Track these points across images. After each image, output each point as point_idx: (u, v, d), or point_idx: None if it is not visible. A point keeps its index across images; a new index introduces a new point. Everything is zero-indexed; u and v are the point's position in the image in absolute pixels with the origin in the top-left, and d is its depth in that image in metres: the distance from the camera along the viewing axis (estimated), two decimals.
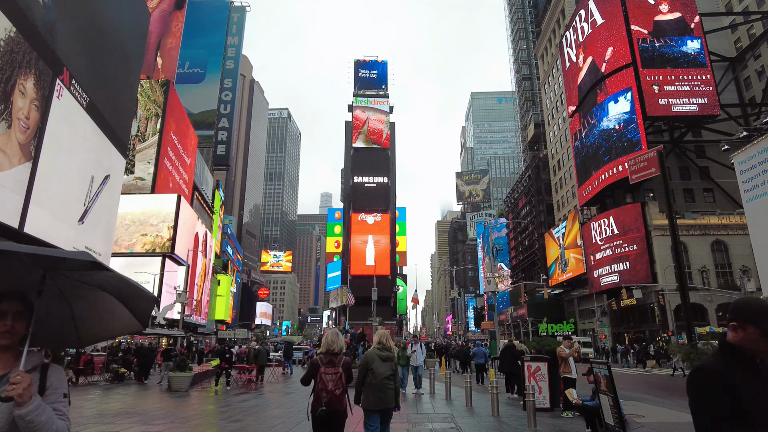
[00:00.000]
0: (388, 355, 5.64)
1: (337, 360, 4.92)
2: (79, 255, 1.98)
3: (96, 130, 25.37)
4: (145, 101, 47.35)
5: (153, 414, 10.25)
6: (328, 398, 4.68)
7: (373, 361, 5.54)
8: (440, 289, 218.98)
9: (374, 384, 5.47)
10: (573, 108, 56.44)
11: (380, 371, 5.49)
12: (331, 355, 4.95)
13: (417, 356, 14.42)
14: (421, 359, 14.57)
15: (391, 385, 5.53)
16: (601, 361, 7.32)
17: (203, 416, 10.44)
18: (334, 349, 4.97)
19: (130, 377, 18.88)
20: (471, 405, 10.95)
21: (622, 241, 45.89)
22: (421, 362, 14.62)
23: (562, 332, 54.40)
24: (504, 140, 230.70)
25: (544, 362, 9.55)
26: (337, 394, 4.71)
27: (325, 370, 4.81)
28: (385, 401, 5.49)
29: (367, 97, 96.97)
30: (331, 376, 4.78)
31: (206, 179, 70.53)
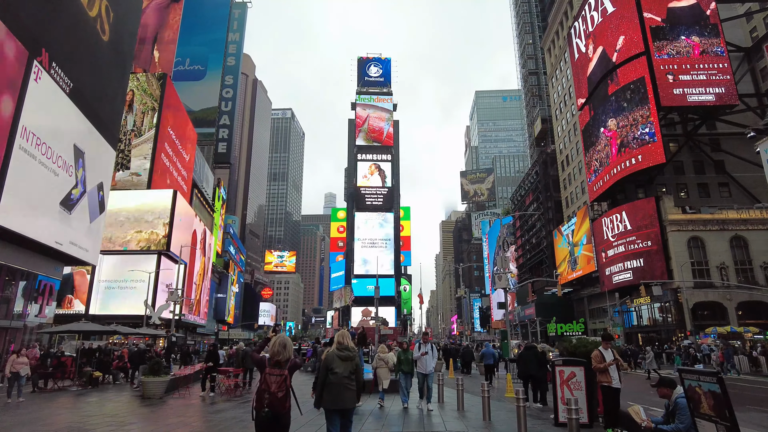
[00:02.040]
0: (347, 355, 5.65)
1: (285, 363, 4.82)
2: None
3: (81, 118, 23.94)
4: (142, 95, 45.96)
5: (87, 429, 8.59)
6: (269, 400, 4.60)
7: (333, 362, 5.57)
8: (445, 289, 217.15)
9: (333, 383, 5.52)
10: (582, 100, 54.68)
11: (340, 370, 5.53)
12: (278, 359, 4.84)
13: (427, 360, 11.14)
14: (432, 364, 11.24)
15: (351, 385, 5.57)
16: (705, 371, 4.99)
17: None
18: (280, 359, 4.83)
19: (108, 380, 17.37)
20: (489, 418, 9.22)
21: (636, 237, 44.11)
22: (432, 368, 11.30)
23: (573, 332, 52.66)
24: (509, 139, 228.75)
25: (580, 367, 7.73)
26: (279, 396, 4.63)
27: (270, 370, 4.73)
28: (343, 401, 5.51)
29: (371, 94, 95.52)
30: (276, 377, 4.69)
31: (207, 177, 69.23)
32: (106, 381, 17.51)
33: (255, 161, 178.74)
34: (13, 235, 19.08)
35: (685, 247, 40.65)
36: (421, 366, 11.25)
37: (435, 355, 11.36)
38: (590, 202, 53.69)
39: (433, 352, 11.32)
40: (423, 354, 11.17)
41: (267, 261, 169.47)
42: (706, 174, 48.66)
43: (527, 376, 11.76)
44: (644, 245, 43.15)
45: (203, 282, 53.29)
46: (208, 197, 68.53)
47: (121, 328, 18.22)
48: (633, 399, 11.73)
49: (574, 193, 63.70)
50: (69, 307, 36.93)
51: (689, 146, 48.80)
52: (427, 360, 11.19)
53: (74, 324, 16.89)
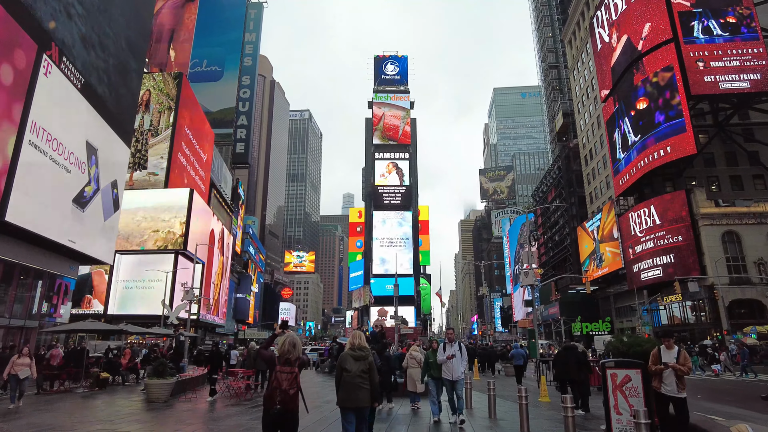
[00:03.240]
0: (360, 354, 5.77)
1: (294, 360, 4.84)
2: None
3: (93, 115, 23.57)
4: (158, 94, 45.91)
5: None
6: (281, 397, 4.65)
7: (346, 362, 5.71)
8: (465, 289, 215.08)
9: (347, 381, 5.66)
10: (606, 92, 52.85)
11: (353, 369, 5.66)
12: (287, 357, 4.84)
13: (455, 364, 9.18)
14: (460, 369, 9.26)
15: (365, 384, 5.67)
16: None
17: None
18: (291, 357, 4.85)
19: (117, 382, 16.79)
20: (528, 429, 7.99)
21: (665, 232, 42.27)
22: (462, 374, 9.31)
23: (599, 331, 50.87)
24: (528, 136, 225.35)
25: (636, 370, 6.38)
26: (290, 393, 4.69)
27: (281, 368, 4.77)
28: (357, 399, 5.60)
29: (387, 92, 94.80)
30: (287, 375, 4.72)
31: (225, 177, 69.22)
32: (115, 382, 16.96)
33: (274, 162, 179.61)
34: (25, 233, 18.72)
35: (719, 242, 38.74)
36: (447, 371, 9.25)
37: (464, 358, 9.39)
38: (616, 196, 51.87)
39: (461, 353, 9.34)
40: (449, 357, 9.17)
41: (286, 261, 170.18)
42: (739, 166, 46.44)
43: (566, 379, 10.44)
44: (674, 240, 41.31)
45: (222, 282, 53.10)
46: (227, 197, 68.51)
47: (130, 328, 17.71)
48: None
49: (598, 188, 61.78)
50: (88, 307, 36.92)
51: (720, 137, 46.65)
52: (455, 364, 9.20)
53: (79, 323, 16.39)
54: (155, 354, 16.67)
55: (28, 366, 11.24)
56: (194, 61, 79.10)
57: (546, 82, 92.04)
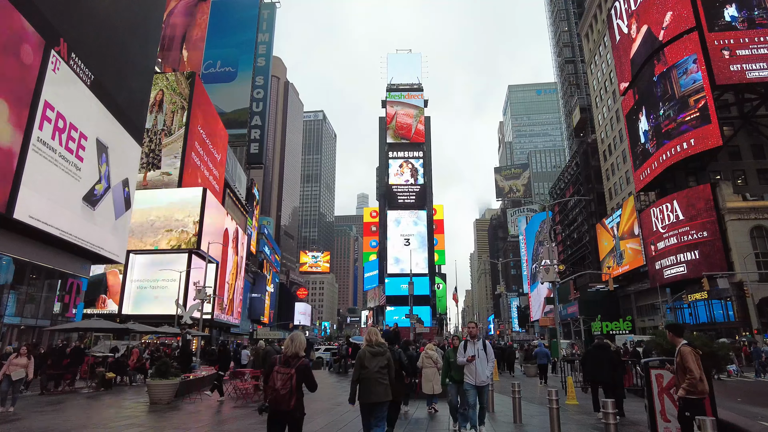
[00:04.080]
0: (378, 351, 5.82)
1: (293, 362, 4.89)
2: None
3: (104, 112, 23.35)
4: (171, 94, 45.91)
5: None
6: (273, 396, 4.76)
7: (364, 358, 5.76)
8: (480, 288, 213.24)
9: (366, 378, 5.73)
10: (625, 84, 51.43)
11: (371, 366, 5.70)
12: (288, 357, 4.95)
13: (477, 367, 7.67)
14: (486, 372, 7.76)
15: (384, 380, 5.72)
16: None
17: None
18: (287, 353, 4.99)
19: (125, 382, 16.38)
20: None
21: (689, 228, 40.84)
22: (487, 378, 7.81)
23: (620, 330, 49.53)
24: (544, 133, 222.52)
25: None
26: (282, 393, 4.73)
27: (278, 369, 4.88)
28: (376, 394, 5.65)
29: (401, 91, 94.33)
30: (282, 375, 4.81)
31: (239, 177, 69.27)
32: (123, 382, 16.57)
33: (288, 163, 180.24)
34: (34, 231, 18.49)
35: (748, 237, 37.25)
36: (470, 375, 7.67)
37: (490, 359, 7.79)
38: (637, 192, 50.44)
39: (486, 353, 7.76)
40: (471, 358, 7.61)
41: (302, 262, 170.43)
42: (766, 159, 44.75)
43: (598, 381, 9.39)
44: (699, 236, 39.88)
45: (236, 281, 52.95)
46: (241, 197, 68.51)
47: (137, 326, 17.35)
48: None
49: (618, 183, 60.28)
50: (103, 307, 36.96)
51: (746, 129, 44.99)
52: (478, 366, 7.58)
53: (84, 322, 16.02)
54: (159, 354, 16.21)
55: (24, 367, 10.69)
56: (208, 62, 79.34)
57: (562, 77, 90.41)
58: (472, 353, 7.69)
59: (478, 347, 7.77)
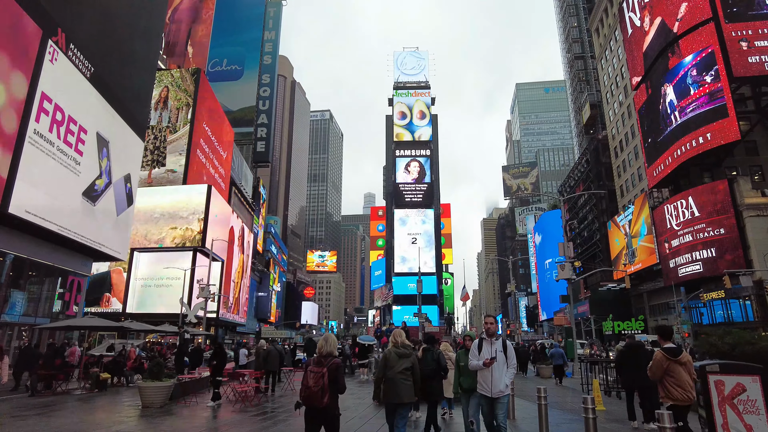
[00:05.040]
0: (404, 352, 5.97)
1: (326, 361, 5.08)
2: None
3: (104, 106, 22.79)
4: (176, 91, 45.45)
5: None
6: (306, 393, 4.95)
7: (390, 358, 5.93)
8: (488, 288, 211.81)
9: (390, 378, 5.89)
10: (638, 79, 50.28)
11: (397, 365, 5.85)
12: (321, 356, 5.17)
13: (495, 373, 6.20)
14: (505, 379, 6.21)
15: (407, 380, 5.84)
16: None
17: None
18: (323, 352, 5.19)
19: (121, 383, 15.71)
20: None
21: (705, 225, 39.71)
22: (506, 386, 6.24)
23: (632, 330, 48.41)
24: (553, 131, 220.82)
25: (754, 376, 4.75)
26: (314, 390, 4.90)
27: (312, 368, 5.05)
28: (398, 395, 5.80)
29: (408, 89, 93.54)
30: (314, 374, 4.97)
31: (245, 176, 68.80)
32: (119, 383, 15.92)
33: (295, 163, 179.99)
34: (32, 227, 17.95)
35: (767, 234, 36.07)
36: (485, 383, 6.20)
37: (510, 363, 6.27)
38: (649, 188, 49.27)
39: (507, 356, 6.27)
40: (488, 362, 6.11)
41: (309, 261, 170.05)
42: None
43: (636, 386, 8.27)
44: (716, 233, 38.75)
45: (242, 280, 52.44)
46: (248, 196, 68.03)
47: (133, 325, 16.72)
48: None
49: (629, 180, 59.09)
50: (107, 305, 36.53)
51: (763, 124, 43.70)
52: (495, 372, 6.14)
53: (78, 319, 15.40)
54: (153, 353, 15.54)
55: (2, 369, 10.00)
56: (214, 60, 79.01)
57: (572, 74, 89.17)
58: (489, 355, 6.15)
59: (496, 348, 6.23)
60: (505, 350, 6.28)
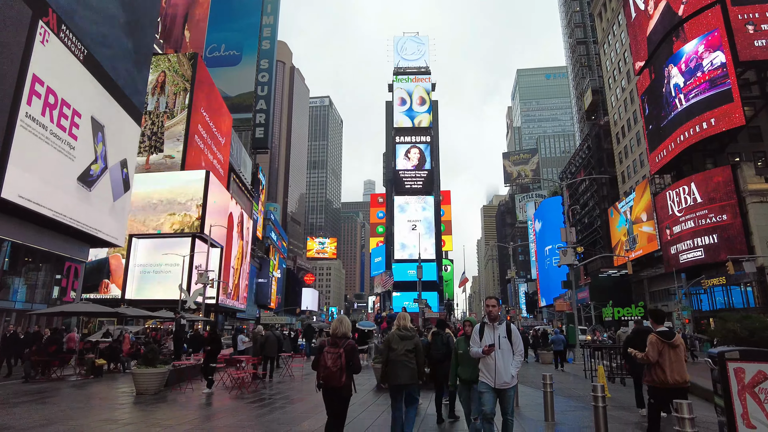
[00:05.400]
0: (406, 335, 5.99)
1: (341, 342, 5.21)
2: None
3: (98, 89, 22.35)
4: (173, 76, 44.83)
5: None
6: (325, 374, 5.08)
7: (392, 340, 5.98)
8: (488, 274, 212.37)
9: (393, 360, 5.92)
10: (641, 63, 49.61)
11: (399, 348, 5.88)
12: (336, 338, 5.27)
13: (499, 361, 5.53)
14: (511, 370, 5.53)
15: (410, 363, 5.87)
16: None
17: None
18: (338, 333, 5.29)
19: (118, 369, 15.56)
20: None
21: (708, 211, 39.45)
22: (512, 377, 5.52)
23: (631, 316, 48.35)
24: (553, 118, 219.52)
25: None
26: (333, 370, 5.04)
27: (328, 349, 5.18)
28: (402, 376, 5.82)
29: (408, 74, 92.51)
30: (331, 354, 5.11)
31: (244, 162, 68.32)
32: (116, 369, 15.78)
33: (294, 150, 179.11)
34: (26, 212, 17.66)
35: None
36: (486, 372, 5.57)
37: (517, 350, 5.60)
38: (651, 174, 48.92)
39: (512, 342, 5.60)
40: (488, 349, 5.49)
41: (308, 248, 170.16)
42: None
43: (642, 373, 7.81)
44: (718, 219, 38.50)
45: (242, 266, 52.32)
46: (247, 182, 67.64)
47: (129, 310, 16.51)
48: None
49: (631, 167, 58.69)
50: (106, 291, 36.41)
51: (767, 109, 43.22)
52: (498, 360, 5.49)
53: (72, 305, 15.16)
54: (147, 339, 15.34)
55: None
56: (212, 45, 78.02)
57: (574, 59, 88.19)
58: (491, 341, 5.51)
59: (499, 334, 5.56)
60: (510, 336, 5.62)
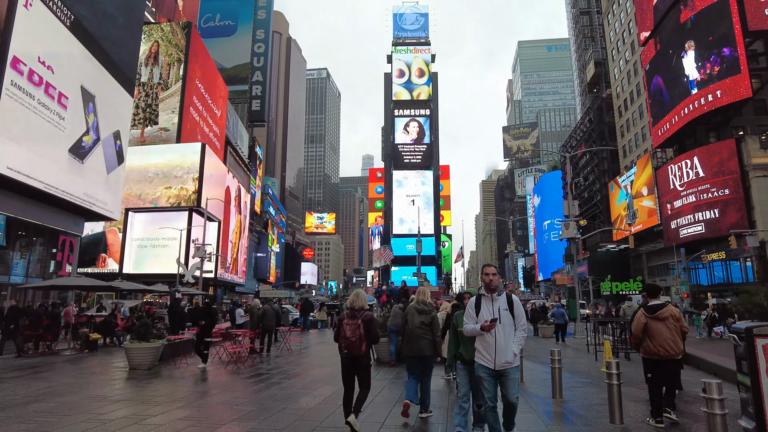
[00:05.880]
0: (423, 308, 6.21)
1: (359, 314, 5.52)
2: None
3: (88, 57, 21.56)
4: (167, 46, 43.67)
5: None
6: (346, 344, 5.41)
7: (409, 313, 6.24)
8: (486, 249, 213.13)
9: (410, 332, 6.18)
10: (647, 34, 48.41)
11: (416, 320, 6.13)
12: (353, 310, 5.56)
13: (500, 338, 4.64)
14: (514, 348, 4.67)
15: (427, 335, 6.10)
16: None
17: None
18: (355, 306, 5.57)
19: (114, 343, 15.38)
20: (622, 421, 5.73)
21: (710, 185, 39.07)
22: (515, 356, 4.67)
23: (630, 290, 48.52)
24: (554, 91, 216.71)
25: None
26: (353, 340, 5.36)
27: (347, 321, 5.49)
28: (418, 348, 6.08)
29: (407, 45, 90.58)
30: (350, 326, 5.42)
31: (241, 135, 67.38)
32: (111, 344, 15.61)
33: (292, 123, 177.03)
34: (16, 185, 17.22)
35: None
36: (485, 353, 4.71)
37: (519, 323, 4.79)
38: (654, 148, 48.33)
39: (514, 314, 4.78)
40: (488, 325, 4.57)
41: (307, 223, 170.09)
42: None
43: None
44: (721, 194, 38.16)
45: (240, 240, 52.12)
46: (244, 156, 66.85)
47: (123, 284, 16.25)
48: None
49: (632, 140, 58.00)
50: (103, 266, 36.24)
51: None
52: (499, 337, 4.63)
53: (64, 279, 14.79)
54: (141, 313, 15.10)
55: None
56: (206, 15, 76.03)
57: (576, 30, 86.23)
58: (490, 316, 4.66)
59: (499, 306, 4.73)
60: (512, 308, 4.77)
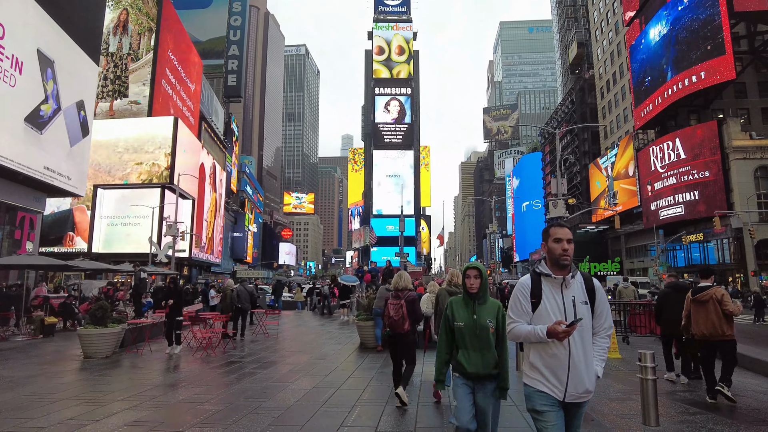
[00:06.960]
0: (454, 290, 5.92)
1: (403, 294, 5.89)
2: None
3: (45, 19, 19.76)
4: (136, 14, 41.33)
5: None
6: (389, 323, 5.80)
7: (441, 295, 6.13)
8: (464, 231, 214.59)
9: (439, 313, 6.10)
10: (632, 14, 47.95)
11: (446, 302, 5.41)
12: (398, 290, 5.94)
13: (577, 352, 2.61)
14: (596, 369, 2.70)
15: None
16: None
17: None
18: (398, 287, 5.97)
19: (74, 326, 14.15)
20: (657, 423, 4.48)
21: (691, 168, 39.24)
22: (599, 376, 2.71)
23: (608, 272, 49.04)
24: (535, 73, 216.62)
25: None
26: (396, 319, 5.74)
27: (391, 301, 5.87)
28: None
29: (389, 22, 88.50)
30: (394, 306, 5.82)
31: (216, 111, 65.14)
32: (72, 327, 14.42)
33: (269, 100, 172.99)
34: None
35: (751, 178, 35.83)
36: (554, 373, 2.64)
37: (604, 326, 2.78)
38: (636, 129, 48.33)
39: (595, 311, 2.75)
40: (564, 330, 2.53)
41: (285, 203, 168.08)
42: None
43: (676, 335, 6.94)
44: (701, 176, 38.36)
45: (215, 219, 50.61)
46: (219, 132, 64.75)
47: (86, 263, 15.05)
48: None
49: (614, 122, 58.02)
50: (71, 245, 34.58)
51: (755, 65, 42.54)
52: (577, 348, 2.62)
53: (14, 257, 13.50)
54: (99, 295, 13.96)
55: None
56: None
57: (560, 10, 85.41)
58: (560, 312, 2.69)
59: (573, 297, 2.71)
60: (593, 299, 2.77)
